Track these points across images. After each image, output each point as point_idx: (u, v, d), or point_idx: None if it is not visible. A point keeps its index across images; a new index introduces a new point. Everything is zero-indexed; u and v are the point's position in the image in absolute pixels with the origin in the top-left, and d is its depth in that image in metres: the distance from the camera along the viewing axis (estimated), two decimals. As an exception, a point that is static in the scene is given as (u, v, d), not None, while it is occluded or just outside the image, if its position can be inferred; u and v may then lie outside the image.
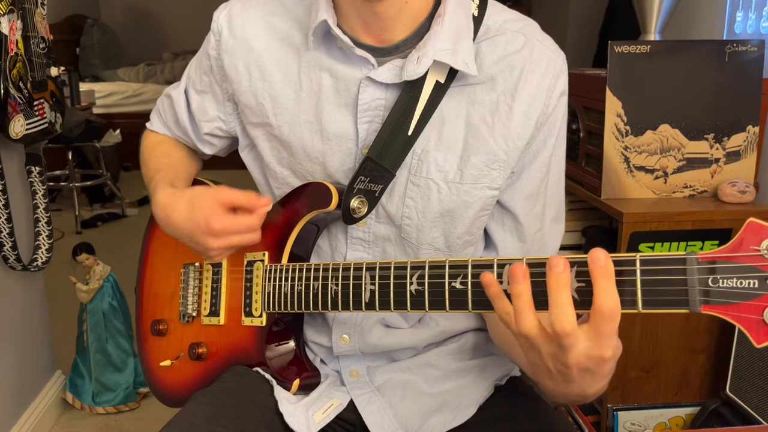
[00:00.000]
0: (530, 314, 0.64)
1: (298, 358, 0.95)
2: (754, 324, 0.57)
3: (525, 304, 0.64)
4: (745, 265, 0.57)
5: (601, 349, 0.62)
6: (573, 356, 0.63)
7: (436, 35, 0.83)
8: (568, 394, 0.69)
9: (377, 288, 0.79)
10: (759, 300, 0.57)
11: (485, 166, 0.87)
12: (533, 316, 0.64)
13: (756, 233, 0.57)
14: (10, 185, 1.80)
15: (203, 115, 1.01)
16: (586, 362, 0.63)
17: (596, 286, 0.60)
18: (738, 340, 1.43)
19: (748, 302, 0.57)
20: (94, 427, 2.11)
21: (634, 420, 1.56)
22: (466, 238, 0.92)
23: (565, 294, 0.61)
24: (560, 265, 0.62)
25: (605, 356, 0.62)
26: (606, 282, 0.60)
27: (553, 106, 0.88)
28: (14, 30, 1.67)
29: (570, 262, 0.63)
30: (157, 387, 1.07)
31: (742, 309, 0.58)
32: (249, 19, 0.93)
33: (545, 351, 0.65)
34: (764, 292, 0.57)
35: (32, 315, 2.04)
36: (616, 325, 0.61)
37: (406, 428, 0.91)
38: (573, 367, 0.64)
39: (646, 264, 0.61)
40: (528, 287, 0.64)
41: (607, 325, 0.61)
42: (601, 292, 0.60)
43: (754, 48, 1.49)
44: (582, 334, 0.62)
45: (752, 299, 0.57)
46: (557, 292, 0.62)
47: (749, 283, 0.57)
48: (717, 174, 1.55)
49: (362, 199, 0.87)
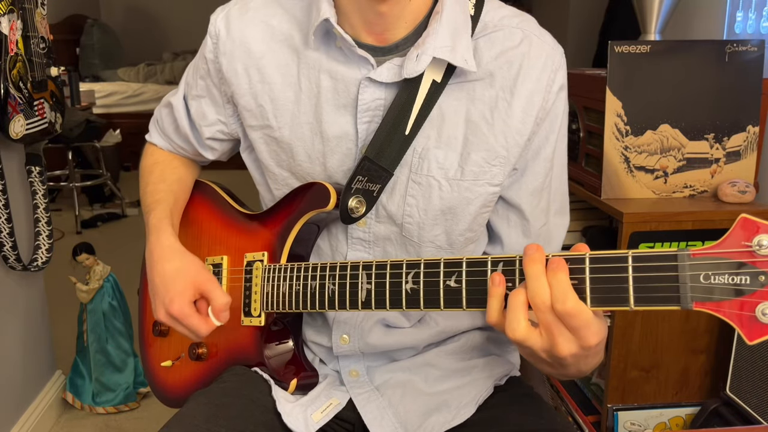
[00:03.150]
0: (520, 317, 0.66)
1: (297, 358, 0.95)
2: (746, 321, 0.57)
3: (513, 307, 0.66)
4: (737, 261, 0.57)
5: (585, 339, 0.64)
6: (559, 351, 0.65)
7: (434, 32, 0.83)
8: (566, 374, 0.73)
9: (373, 287, 0.79)
10: (751, 296, 0.56)
11: (486, 163, 0.87)
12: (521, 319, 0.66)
13: (748, 229, 0.56)
14: (10, 185, 1.81)
15: (203, 119, 1.01)
16: (579, 352, 0.65)
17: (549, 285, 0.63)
18: (738, 340, 1.44)
19: (740, 299, 0.57)
20: (94, 427, 2.11)
21: (634, 420, 1.56)
22: (467, 235, 0.92)
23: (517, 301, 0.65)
24: (495, 279, 0.67)
25: (591, 344, 0.64)
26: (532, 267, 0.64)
27: (552, 101, 0.88)
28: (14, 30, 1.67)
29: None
30: (158, 387, 1.07)
31: (734, 306, 0.57)
32: (247, 22, 0.93)
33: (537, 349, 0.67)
34: (756, 289, 0.56)
35: (32, 315, 2.04)
36: (585, 318, 0.63)
37: (405, 427, 0.91)
38: (567, 358, 0.66)
39: (638, 261, 0.60)
40: (502, 292, 0.67)
41: (574, 321, 0.63)
42: (553, 291, 0.63)
43: (754, 48, 1.49)
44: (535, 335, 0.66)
45: (744, 296, 0.57)
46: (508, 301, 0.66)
47: (741, 280, 0.57)
48: (717, 174, 1.55)
49: (360, 199, 0.87)
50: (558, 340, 0.64)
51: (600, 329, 0.65)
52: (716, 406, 1.48)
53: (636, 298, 0.61)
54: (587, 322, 0.63)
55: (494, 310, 0.68)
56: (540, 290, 0.63)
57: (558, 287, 0.63)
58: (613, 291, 0.61)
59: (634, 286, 0.60)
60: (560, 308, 0.63)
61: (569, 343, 0.64)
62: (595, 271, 0.63)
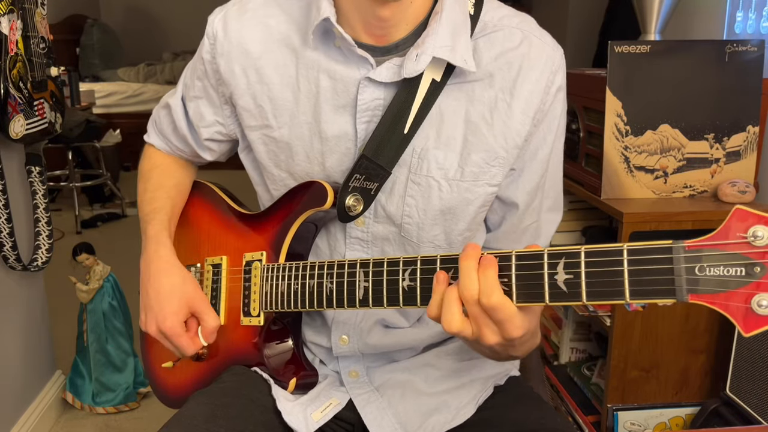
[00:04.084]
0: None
1: (296, 358, 0.95)
2: (741, 312, 0.56)
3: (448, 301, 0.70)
4: (732, 252, 0.56)
5: (508, 332, 0.69)
6: (487, 341, 0.70)
7: (434, 32, 0.83)
8: (500, 359, 0.80)
9: (371, 285, 0.79)
10: (746, 288, 0.56)
11: (485, 163, 0.87)
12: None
13: (743, 220, 0.56)
14: (10, 185, 1.80)
15: (201, 120, 1.01)
16: (503, 342, 0.70)
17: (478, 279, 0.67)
18: (738, 339, 1.43)
19: (735, 290, 0.56)
20: (94, 427, 2.11)
21: (634, 420, 1.56)
22: (466, 234, 0.92)
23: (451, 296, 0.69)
24: (440, 277, 0.71)
25: (514, 336, 0.69)
26: (465, 263, 0.68)
27: (550, 102, 0.88)
28: (14, 30, 1.67)
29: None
30: (159, 388, 1.07)
31: (729, 297, 0.56)
32: (245, 23, 0.92)
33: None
34: (752, 280, 0.55)
35: (32, 315, 2.03)
36: (508, 312, 0.67)
37: (405, 428, 0.91)
38: (493, 346, 0.71)
39: (633, 254, 0.60)
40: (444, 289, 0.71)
41: (498, 314, 0.67)
42: (480, 285, 0.67)
43: (754, 48, 1.49)
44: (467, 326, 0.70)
45: (740, 287, 0.56)
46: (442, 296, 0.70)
47: (736, 271, 0.56)
48: (717, 174, 1.55)
49: (357, 197, 0.87)
50: (484, 331, 0.69)
51: (522, 323, 0.69)
52: (716, 406, 1.48)
53: (632, 291, 0.60)
54: (510, 316, 0.67)
55: (434, 304, 0.71)
56: (470, 284, 0.68)
57: (485, 282, 0.67)
58: (608, 285, 0.61)
59: (630, 280, 0.60)
60: (485, 302, 0.67)
61: (494, 335, 0.69)
62: (591, 265, 0.62)
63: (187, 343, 0.92)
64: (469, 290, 0.68)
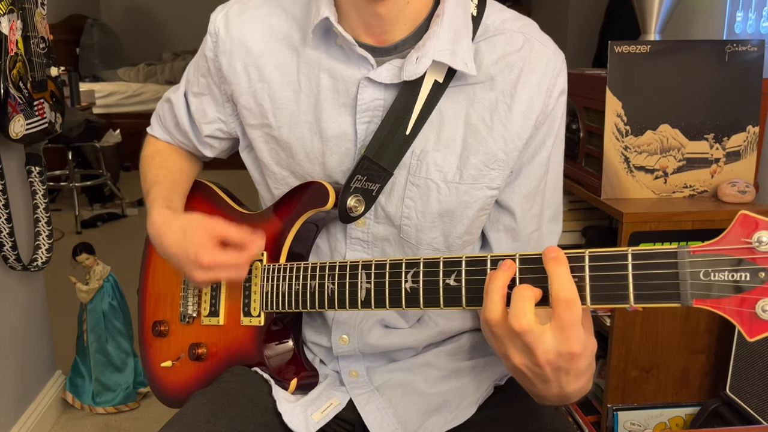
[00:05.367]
0: (497, 301, 0.66)
1: (297, 358, 0.95)
2: (746, 317, 0.56)
3: (494, 291, 0.66)
4: (737, 258, 0.57)
5: (569, 343, 0.63)
6: (541, 354, 0.64)
7: (435, 35, 0.83)
8: (548, 395, 0.70)
9: (372, 286, 0.79)
10: (751, 293, 0.56)
11: (484, 166, 0.87)
12: (500, 305, 0.66)
13: (747, 226, 0.56)
14: (10, 185, 1.81)
15: (203, 117, 1.01)
16: (557, 360, 0.64)
17: (550, 274, 0.62)
18: (738, 340, 1.43)
19: (740, 295, 0.57)
20: (94, 427, 2.11)
21: (634, 420, 1.56)
22: (465, 238, 0.92)
23: (526, 292, 0.64)
24: (506, 264, 0.66)
25: (574, 351, 0.63)
26: (557, 268, 0.62)
27: (552, 105, 0.88)
28: (14, 30, 1.67)
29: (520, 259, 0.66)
30: (158, 388, 1.07)
31: (734, 302, 0.57)
32: (246, 21, 0.93)
33: (510, 347, 0.66)
34: (756, 285, 0.56)
35: (32, 315, 2.03)
36: (578, 314, 0.62)
37: (405, 428, 0.91)
38: (544, 365, 0.65)
39: (638, 258, 0.60)
40: (503, 276, 0.66)
41: (567, 314, 0.62)
42: (555, 279, 0.62)
43: (754, 48, 1.49)
44: (546, 330, 0.63)
45: (744, 292, 0.56)
46: (516, 290, 0.64)
47: (741, 276, 0.56)
48: (717, 174, 1.55)
49: (359, 198, 0.87)
50: (571, 337, 0.63)
51: (587, 339, 0.64)
52: (716, 406, 1.48)
53: (636, 295, 0.60)
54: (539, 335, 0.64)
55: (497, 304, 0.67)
56: (568, 286, 0.63)
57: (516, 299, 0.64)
58: (612, 289, 0.61)
59: (634, 284, 0.60)
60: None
61: (578, 343, 0.63)
62: (595, 269, 0.63)
63: (236, 259, 0.86)
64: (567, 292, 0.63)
